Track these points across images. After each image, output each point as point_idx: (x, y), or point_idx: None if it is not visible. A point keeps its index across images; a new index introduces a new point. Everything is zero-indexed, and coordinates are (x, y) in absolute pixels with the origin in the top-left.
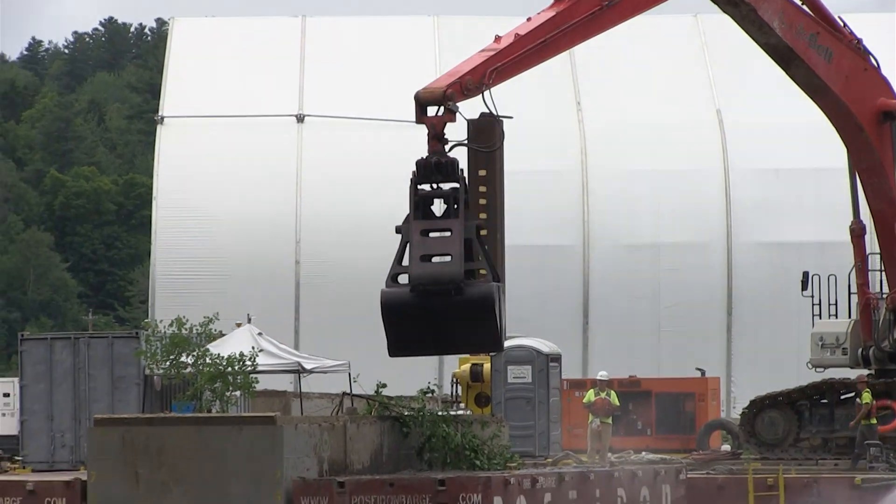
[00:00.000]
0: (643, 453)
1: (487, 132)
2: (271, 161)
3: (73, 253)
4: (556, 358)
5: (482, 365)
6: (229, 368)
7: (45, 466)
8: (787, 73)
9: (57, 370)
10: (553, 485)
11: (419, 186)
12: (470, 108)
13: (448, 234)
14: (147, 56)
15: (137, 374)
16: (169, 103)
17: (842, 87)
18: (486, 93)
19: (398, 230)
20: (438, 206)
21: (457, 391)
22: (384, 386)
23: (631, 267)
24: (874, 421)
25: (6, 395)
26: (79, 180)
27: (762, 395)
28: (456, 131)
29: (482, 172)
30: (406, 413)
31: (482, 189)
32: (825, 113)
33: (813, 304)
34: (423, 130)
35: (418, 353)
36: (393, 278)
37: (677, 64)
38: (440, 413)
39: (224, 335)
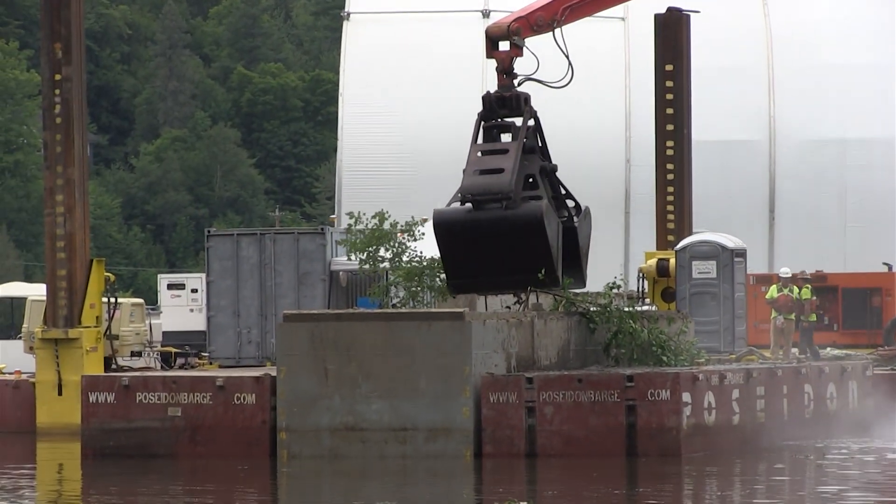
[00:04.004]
0: (828, 349)
1: (673, 26)
2: (457, 56)
3: (259, 149)
4: (742, 253)
5: (668, 260)
6: (427, 271)
7: (231, 362)
8: None
9: (243, 266)
10: (741, 381)
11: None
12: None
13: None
14: None
15: (323, 270)
16: None
17: None
18: (559, 31)
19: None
20: None
21: (643, 286)
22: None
23: (817, 162)
24: (813, 318)
25: (194, 290)
26: (265, 77)
27: None
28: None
29: (668, 68)
30: (592, 309)
31: (668, 84)
32: None
33: None
34: (615, 24)
35: (476, 282)
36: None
37: None
38: (627, 309)
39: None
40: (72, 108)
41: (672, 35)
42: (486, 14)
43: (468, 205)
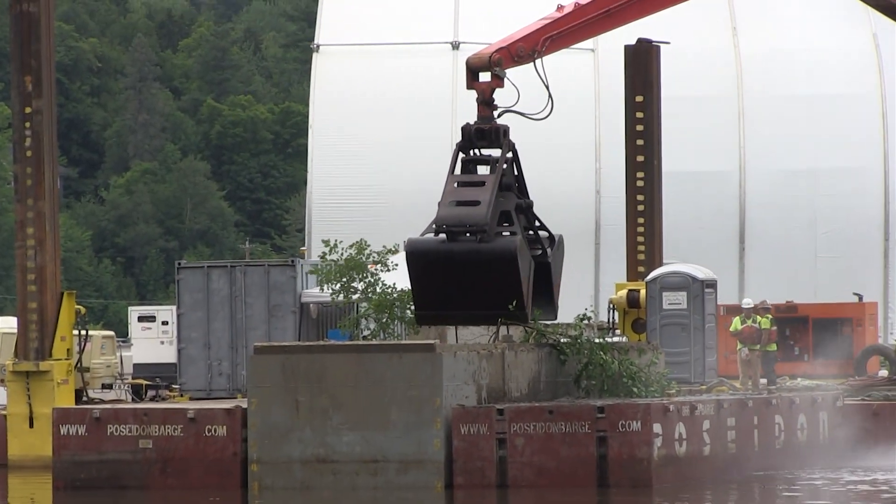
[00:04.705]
0: (798, 379)
1: (643, 57)
2: (426, 89)
3: (229, 181)
4: (712, 284)
5: (639, 291)
6: (398, 303)
7: (202, 394)
8: None
9: (214, 298)
10: (712, 412)
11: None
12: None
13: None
14: None
15: (293, 302)
16: (325, 31)
17: None
18: (539, 62)
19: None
20: None
21: (613, 317)
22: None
23: (787, 192)
24: (773, 347)
25: (164, 323)
26: (235, 109)
27: None
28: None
29: (639, 99)
30: (563, 340)
31: (639, 115)
32: None
33: None
34: (585, 56)
35: (444, 315)
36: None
37: None
38: (597, 340)
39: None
40: (42, 142)
41: (642, 66)
42: (455, 46)
43: (442, 235)
